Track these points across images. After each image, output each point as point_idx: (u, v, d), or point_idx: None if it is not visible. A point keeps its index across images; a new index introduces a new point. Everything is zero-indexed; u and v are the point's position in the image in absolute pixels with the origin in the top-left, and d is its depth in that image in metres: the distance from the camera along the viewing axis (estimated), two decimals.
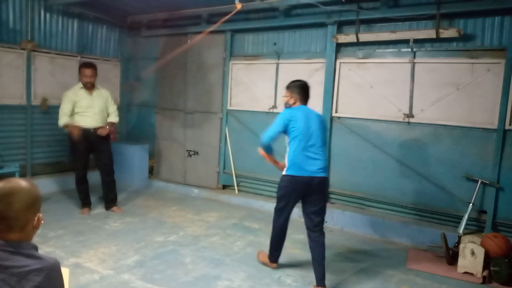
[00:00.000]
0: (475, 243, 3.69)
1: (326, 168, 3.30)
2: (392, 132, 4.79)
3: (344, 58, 5.05)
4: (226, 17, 4.69)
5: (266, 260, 3.60)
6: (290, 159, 3.24)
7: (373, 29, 4.84)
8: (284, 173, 3.30)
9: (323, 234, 3.29)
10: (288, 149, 3.29)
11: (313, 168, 3.20)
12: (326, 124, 3.48)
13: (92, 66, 4.82)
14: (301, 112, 3.27)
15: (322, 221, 3.32)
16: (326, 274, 3.25)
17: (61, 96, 4.86)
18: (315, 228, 3.27)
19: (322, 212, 3.31)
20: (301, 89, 3.38)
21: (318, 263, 3.22)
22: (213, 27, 5.48)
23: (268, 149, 3.40)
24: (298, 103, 3.36)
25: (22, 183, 1.47)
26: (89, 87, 4.80)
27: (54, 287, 1.42)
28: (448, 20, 4.42)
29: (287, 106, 3.40)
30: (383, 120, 4.82)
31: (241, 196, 5.80)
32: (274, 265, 3.58)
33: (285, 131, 3.28)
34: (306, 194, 3.26)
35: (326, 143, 3.48)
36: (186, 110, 6.36)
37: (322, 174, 3.23)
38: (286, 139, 3.32)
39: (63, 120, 4.70)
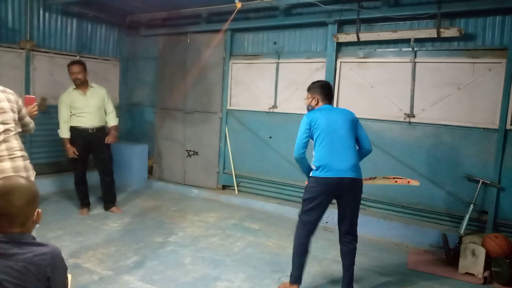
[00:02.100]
0: (476, 244, 3.67)
1: (358, 167, 3.00)
2: (393, 132, 4.77)
3: (345, 58, 5.03)
4: (230, 19, 4.67)
5: (286, 285, 3.17)
6: (317, 160, 2.99)
7: (374, 28, 4.82)
8: (311, 174, 3.04)
9: (354, 239, 3.08)
10: (314, 153, 3.04)
11: (342, 166, 2.92)
12: (358, 122, 3.16)
13: (78, 62, 4.82)
14: (322, 111, 3.09)
15: (354, 227, 3.08)
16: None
17: (59, 96, 4.84)
18: (346, 234, 3.07)
19: (353, 217, 3.06)
20: (322, 89, 3.19)
21: (346, 269, 3.06)
22: (220, 31, 5.47)
23: (305, 166, 3.11)
24: (320, 103, 3.17)
25: (21, 180, 1.53)
26: (79, 84, 4.73)
27: (59, 270, 1.51)
28: (449, 20, 4.40)
29: (310, 108, 3.22)
30: (384, 120, 4.80)
31: (241, 197, 5.78)
32: (294, 287, 3.11)
33: (311, 135, 3.06)
34: (337, 197, 3.02)
35: (363, 140, 3.16)
36: (185, 110, 6.33)
37: (352, 175, 2.94)
38: (313, 143, 3.09)
39: (62, 133, 4.76)
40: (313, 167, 3.03)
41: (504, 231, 4.14)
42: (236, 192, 5.94)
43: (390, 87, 4.76)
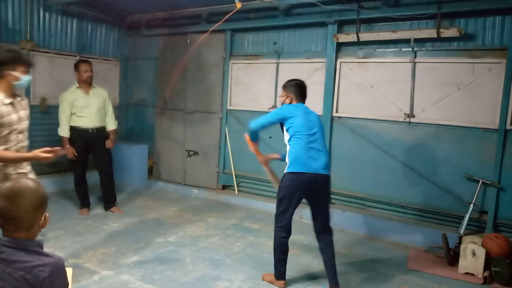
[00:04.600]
0: (476, 244, 3.67)
1: (329, 165, 3.18)
2: (393, 132, 4.77)
3: (345, 58, 5.03)
4: (226, 17, 4.67)
5: (272, 278, 3.30)
6: (293, 155, 3.09)
7: (374, 28, 4.82)
8: (285, 171, 3.13)
9: (331, 233, 3.23)
10: (289, 147, 3.17)
11: (317, 164, 3.06)
12: (323, 125, 3.39)
13: (87, 61, 4.91)
14: (299, 109, 3.22)
15: (328, 221, 3.24)
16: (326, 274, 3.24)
17: (60, 95, 4.84)
18: (323, 230, 3.21)
19: (327, 212, 3.23)
20: (297, 88, 3.30)
21: (328, 263, 3.15)
22: (213, 27, 5.47)
23: (254, 137, 3.39)
24: (294, 102, 3.29)
25: (30, 183, 1.50)
26: (90, 82, 4.81)
27: (58, 283, 1.44)
28: (449, 20, 4.40)
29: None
30: (384, 120, 4.80)
31: (241, 197, 5.78)
32: (281, 282, 3.24)
33: (281, 125, 3.24)
34: (311, 193, 3.14)
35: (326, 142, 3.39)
36: (185, 110, 6.34)
37: (326, 172, 3.10)
38: (286, 136, 3.22)
39: (62, 131, 4.75)
40: (287, 163, 3.13)
41: (504, 231, 4.14)
42: (236, 192, 5.94)
43: (390, 87, 4.76)
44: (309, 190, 3.10)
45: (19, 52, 2.66)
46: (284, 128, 3.23)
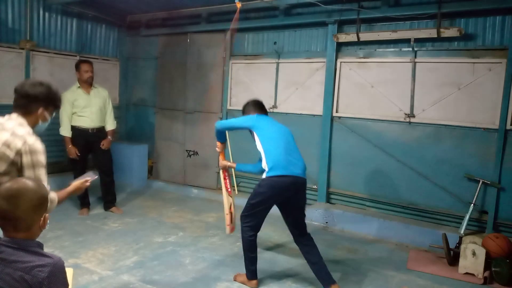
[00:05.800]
0: (476, 244, 3.67)
1: (306, 169, 3.22)
2: (393, 132, 4.77)
3: (345, 58, 5.03)
4: (234, 19, 4.65)
5: (244, 279, 3.27)
6: (273, 160, 3.08)
7: (374, 28, 4.82)
8: (265, 175, 3.10)
9: (310, 235, 3.25)
10: (265, 154, 3.15)
11: (296, 168, 3.11)
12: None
13: (88, 61, 4.91)
14: (267, 118, 3.40)
15: (305, 225, 3.26)
16: None
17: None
18: (302, 233, 3.23)
19: (303, 216, 3.26)
20: (255, 105, 3.48)
21: (319, 264, 3.13)
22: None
23: (220, 137, 3.55)
24: None
25: (29, 183, 1.48)
26: (90, 82, 4.81)
27: (57, 284, 1.42)
28: (449, 20, 4.40)
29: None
30: (384, 120, 4.80)
31: (241, 197, 5.74)
32: (254, 282, 3.23)
33: (250, 131, 3.30)
34: (289, 198, 3.12)
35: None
36: (185, 110, 6.33)
37: (304, 176, 3.16)
38: (259, 143, 3.21)
39: (64, 131, 4.75)
40: (266, 168, 3.12)
41: (505, 231, 4.14)
42: (236, 192, 5.92)
43: (390, 87, 4.76)
44: (288, 194, 3.09)
45: (55, 91, 2.25)
46: (256, 136, 3.24)
